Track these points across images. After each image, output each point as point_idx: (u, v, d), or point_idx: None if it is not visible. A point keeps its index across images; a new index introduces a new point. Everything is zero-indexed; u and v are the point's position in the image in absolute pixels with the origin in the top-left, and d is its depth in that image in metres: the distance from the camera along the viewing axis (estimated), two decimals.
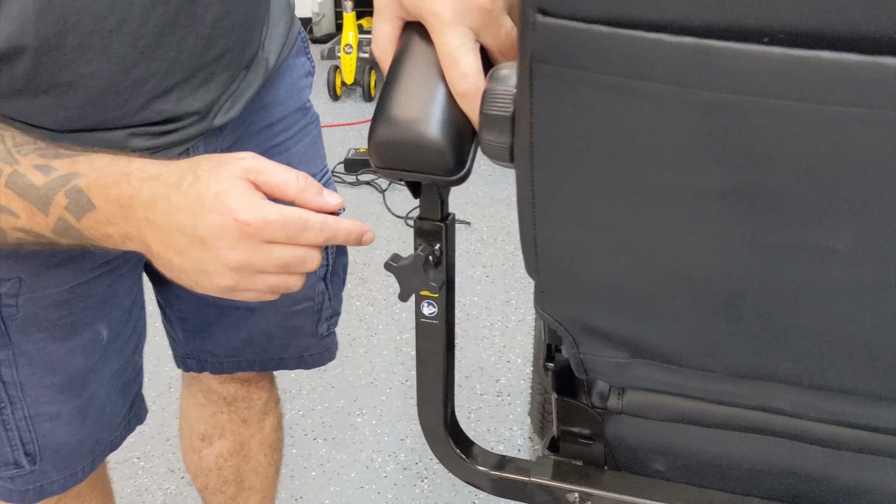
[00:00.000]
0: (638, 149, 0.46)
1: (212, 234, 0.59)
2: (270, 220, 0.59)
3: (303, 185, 0.62)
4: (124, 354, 0.97)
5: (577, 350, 0.62)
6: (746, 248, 0.48)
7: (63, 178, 0.62)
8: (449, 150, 0.57)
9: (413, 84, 0.58)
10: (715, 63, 0.41)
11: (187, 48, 0.76)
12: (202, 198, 0.59)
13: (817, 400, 0.58)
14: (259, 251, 0.59)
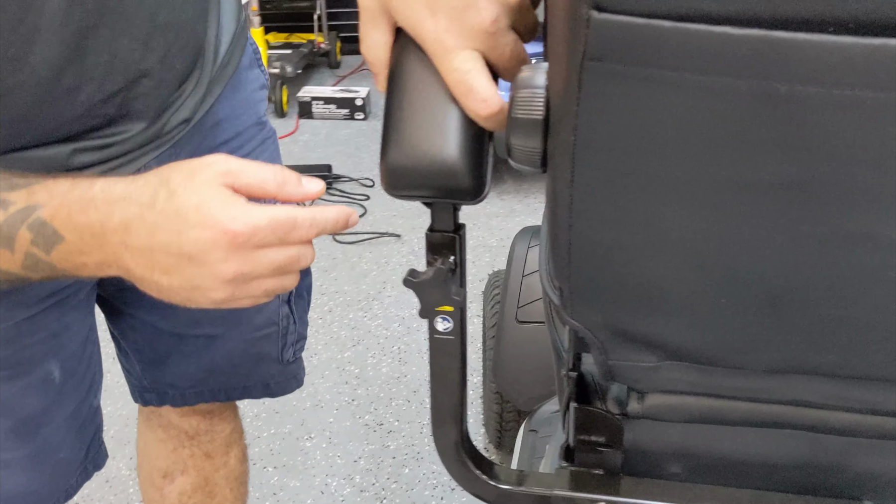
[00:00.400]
0: (693, 144, 0.45)
1: (200, 250, 0.56)
2: (260, 225, 0.56)
3: (281, 179, 0.60)
4: (79, 394, 0.90)
5: (606, 356, 0.60)
6: (796, 240, 0.48)
7: (23, 212, 0.58)
8: (469, 172, 0.55)
9: (422, 103, 0.55)
10: (782, 54, 0.40)
11: (123, 49, 0.71)
12: (182, 212, 0.56)
13: (850, 390, 0.58)
14: (252, 259, 0.57)
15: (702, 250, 0.50)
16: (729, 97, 0.42)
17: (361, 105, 3.43)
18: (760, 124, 0.43)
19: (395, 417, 1.90)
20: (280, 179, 0.59)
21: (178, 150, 0.84)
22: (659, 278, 0.53)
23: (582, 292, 0.56)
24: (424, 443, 1.83)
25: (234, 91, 0.91)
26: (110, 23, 0.69)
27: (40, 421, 0.85)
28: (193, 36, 0.80)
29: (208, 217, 0.55)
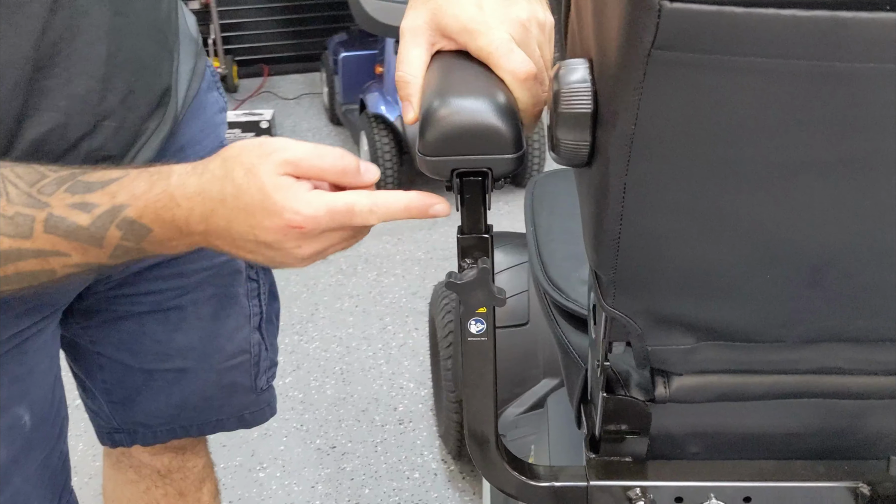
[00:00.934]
0: (756, 127, 0.47)
1: (275, 239, 0.59)
2: (318, 216, 0.58)
3: (341, 167, 0.60)
4: (50, 441, 0.85)
5: (644, 342, 0.62)
6: (844, 213, 0.50)
7: (110, 213, 0.61)
8: (509, 129, 0.56)
9: (460, 83, 0.58)
10: (844, 34, 0.43)
11: (81, 92, 0.68)
12: (250, 209, 0.58)
13: (875, 353, 0.62)
14: (322, 239, 0.61)
15: (755, 229, 0.52)
16: (792, 79, 0.44)
17: (267, 128, 3.37)
18: (819, 104, 0.45)
19: (346, 439, 1.87)
20: (340, 168, 0.60)
21: None
22: (709, 261, 0.55)
23: (627, 281, 0.58)
24: (381, 461, 1.81)
25: (195, 116, 0.88)
26: (63, 62, 0.66)
27: (10, 471, 0.80)
28: (157, 75, 0.77)
29: (273, 213, 0.58)
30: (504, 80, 0.58)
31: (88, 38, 0.67)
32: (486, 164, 0.56)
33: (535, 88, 0.58)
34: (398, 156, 2.75)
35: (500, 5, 0.59)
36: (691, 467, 0.71)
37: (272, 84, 3.96)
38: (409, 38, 0.61)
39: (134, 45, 0.73)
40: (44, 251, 0.60)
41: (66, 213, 0.60)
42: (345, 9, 3.52)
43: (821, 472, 0.70)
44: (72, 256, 0.61)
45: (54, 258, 0.61)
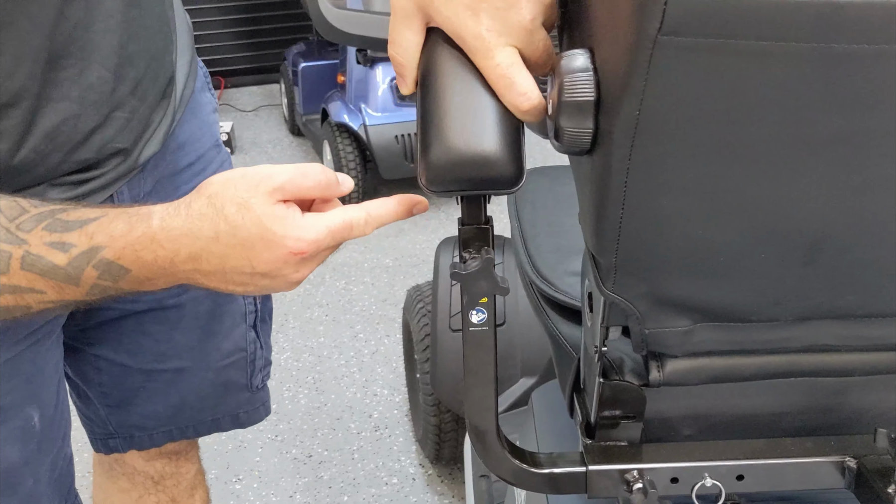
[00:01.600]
0: (758, 108, 0.49)
1: (273, 268, 0.60)
2: (320, 239, 0.60)
3: (324, 182, 0.62)
4: (56, 442, 0.85)
5: (643, 326, 0.64)
6: (840, 189, 0.53)
7: (87, 254, 0.60)
8: (510, 162, 0.57)
9: (461, 101, 0.57)
10: (844, 16, 0.45)
11: (94, 82, 0.69)
12: (248, 243, 0.58)
13: (863, 328, 0.64)
14: (318, 259, 0.62)
15: (754, 208, 0.54)
16: (793, 61, 0.47)
17: (227, 140, 3.35)
18: (818, 85, 0.47)
19: (323, 447, 1.87)
20: (323, 183, 0.61)
21: (145, 175, 0.82)
22: (709, 241, 0.56)
23: (628, 264, 0.59)
24: (358, 468, 1.81)
25: (192, 115, 0.89)
26: (77, 52, 0.67)
27: (22, 473, 0.79)
28: (163, 66, 0.79)
29: (273, 244, 0.58)
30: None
31: (102, 28, 0.68)
32: (486, 193, 0.60)
33: (540, 114, 0.57)
34: (362, 164, 2.75)
35: (499, 11, 0.54)
36: (685, 448, 0.73)
37: (229, 97, 3.94)
38: (399, 17, 0.57)
39: (144, 36, 0.74)
40: (19, 287, 0.59)
41: (44, 251, 0.59)
42: (301, 20, 3.53)
43: (809, 448, 0.73)
44: (47, 294, 0.60)
45: (30, 295, 0.60)
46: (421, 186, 0.59)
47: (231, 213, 0.58)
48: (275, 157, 3.36)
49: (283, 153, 3.40)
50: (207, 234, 0.58)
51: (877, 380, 0.72)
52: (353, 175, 2.73)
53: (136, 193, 0.82)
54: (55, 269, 0.59)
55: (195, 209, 0.59)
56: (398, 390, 2.01)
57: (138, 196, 0.82)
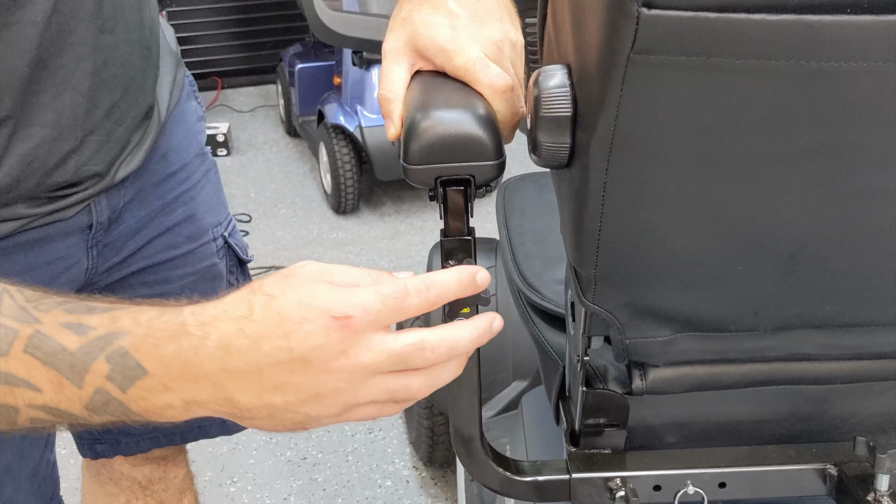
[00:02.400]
0: (733, 123, 0.50)
1: (313, 348, 0.48)
2: (369, 303, 0.49)
3: (375, 276, 0.52)
4: (38, 448, 0.86)
5: (624, 336, 0.64)
6: (818, 201, 0.53)
7: (103, 339, 0.50)
8: (490, 136, 0.58)
9: (440, 97, 0.60)
10: (816, 35, 0.45)
11: (68, 107, 0.70)
12: (285, 313, 0.49)
13: (842, 338, 0.65)
14: (371, 346, 0.49)
15: (732, 220, 0.55)
16: (766, 78, 0.47)
17: (223, 141, 3.35)
18: (793, 100, 0.48)
19: (317, 449, 1.87)
20: (374, 277, 0.52)
21: (126, 185, 0.83)
22: (687, 252, 0.57)
23: (607, 276, 0.60)
24: (352, 470, 1.81)
25: (177, 123, 0.90)
26: (51, 78, 0.68)
27: (2, 480, 0.80)
28: (142, 90, 0.79)
29: (313, 308, 0.48)
30: (483, 94, 0.60)
31: (76, 54, 0.69)
32: (468, 172, 0.58)
33: (512, 100, 0.61)
34: (358, 166, 2.76)
35: (473, 27, 0.61)
36: (668, 456, 0.74)
37: (226, 97, 3.94)
38: (390, 58, 0.63)
39: (120, 60, 0.75)
40: (13, 377, 0.50)
41: (55, 332, 0.50)
42: (297, 20, 3.53)
43: (791, 456, 0.73)
44: (42, 393, 0.50)
45: (22, 391, 0.50)
46: (403, 171, 0.59)
47: (268, 286, 0.50)
48: (271, 158, 3.37)
49: (279, 154, 3.41)
50: (241, 313, 0.49)
51: (858, 387, 0.73)
52: (349, 177, 2.73)
53: (116, 203, 0.82)
54: (61, 354, 0.50)
55: (231, 295, 0.51)
56: None
57: (117, 206, 0.82)
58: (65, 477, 0.95)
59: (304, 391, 0.49)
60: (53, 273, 0.78)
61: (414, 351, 0.50)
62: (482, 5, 0.64)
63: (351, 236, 2.75)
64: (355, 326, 0.48)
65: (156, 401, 0.51)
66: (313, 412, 0.51)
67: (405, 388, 0.52)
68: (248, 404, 0.50)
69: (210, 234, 0.95)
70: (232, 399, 0.50)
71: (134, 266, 0.88)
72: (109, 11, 0.72)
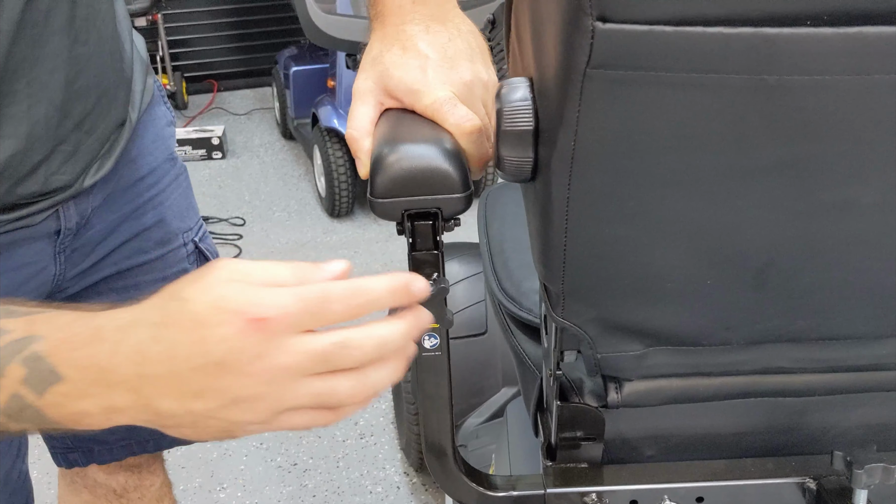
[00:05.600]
0: (692, 138, 0.49)
1: (229, 351, 0.46)
2: (287, 305, 0.46)
3: (300, 273, 0.49)
4: (9, 458, 0.85)
5: (595, 350, 0.63)
6: (784, 216, 0.52)
7: (18, 344, 0.49)
8: (456, 169, 0.57)
9: (407, 132, 0.60)
10: (770, 49, 0.44)
11: (41, 118, 0.69)
12: (199, 317, 0.47)
13: (816, 351, 0.64)
14: (289, 347, 0.47)
15: (697, 235, 0.54)
16: (725, 92, 0.46)
17: (218, 144, 3.35)
18: (754, 114, 0.47)
19: (307, 455, 1.87)
20: (299, 276, 0.49)
21: (94, 190, 0.82)
22: (654, 267, 0.56)
23: (575, 291, 0.59)
24: (343, 476, 1.80)
25: (145, 128, 0.89)
26: (25, 88, 0.67)
27: None
28: (114, 101, 0.79)
29: (227, 311, 0.46)
30: (451, 134, 0.60)
31: (49, 66, 0.69)
32: (435, 205, 0.58)
33: (480, 140, 0.60)
34: (352, 169, 2.75)
35: (443, 68, 0.61)
36: (645, 470, 0.73)
37: (222, 100, 3.93)
38: (358, 97, 0.63)
39: (93, 72, 0.74)
40: None
41: None
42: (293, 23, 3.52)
43: (770, 469, 0.72)
44: None
45: None
46: (370, 204, 0.58)
47: (182, 289, 0.48)
48: (266, 161, 3.36)
49: (274, 157, 3.40)
50: (155, 320, 0.48)
51: (836, 399, 0.72)
52: (343, 180, 2.72)
53: (84, 209, 0.81)
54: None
55: (148, 301, 0.50)
56: (384, 397, 2.01)
57: (86, 211, 0.81)
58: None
59: (223, 396, 0.47)
60: (20, 279, 0.78)
61: (336, 349, 0.47)
62: (453, 46, 0.63)
63: (345, 239, 2.74)
64: (272, 328, 0.46)
65: (72, 407, 0.49)
66: (237, 418, 0.48)
67: (332, 392, 0.48)
68: (169, 411, 0.48)
69: (180, 238, 0.94)
70: (152, 406, 0.48)
71: (103, 272, 0.87)
72: (82, 24, 0.72)
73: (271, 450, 1.88)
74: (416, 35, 0.63)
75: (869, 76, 0.45)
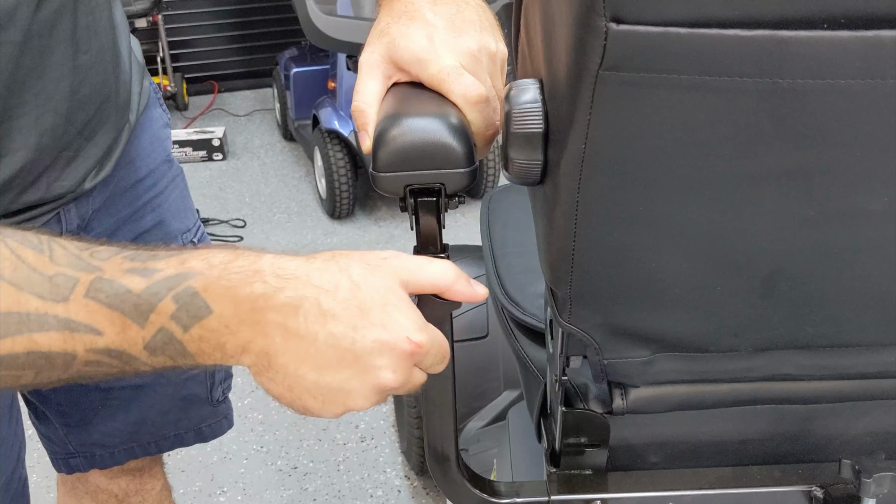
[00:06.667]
0: (703, 142, 0.48)
1: (372, 351, 0.51)
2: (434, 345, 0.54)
3: (453, 275, 0.56)
4: (9, 464, 0.84)
5: (602, 356, 0.63)
6: (792, 223, 0.52)
7: (172, 280, 0.50)
8: (460, 143, 0.56)
9: (412, 106, 0.59)
10: (785, 51, 0.44)
11: (48, 128, 0.69)
12: (366, 309, 0.51)
13: (823, 358, 0.63)
14: (412, 376, 0.54)
15: (706, 241, 0.53)
16: (737, 96, 0.46)
17: (219, 145, 3.34)
18: (765, 119, 0.46)
19: (308, 459, 1.86)
20: (452, 276, 0.56)
21: (94, 193, 0.82)
22: (662, 273, 0.55)
23: (582, 296, 0.58)
24: (343, 480, 1.79)
25: (143, 130, 0.89)
26: (33, 99, 0.67)
27: None
28: (116, 106, 0.79)
29: (393, 321, 0.51)
30: (456, 104, 0.59)
31: (55, 75, 0.69)
32: (438, 180, 0.56)
33: (486, 111, 0.59)
34: (353, 171, 2.74)
35: (449, 37, 0.60)
36: (651, 477, 0.72)
37: (222, 101, 3.93)
38: (365, 70, 0.62)
39: (94, 80, 0.74)
40: (74, 323, 0.49)
41: (120, 276, 0.50)
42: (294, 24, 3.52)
43: (776, 477, 0.72)
44: (104, 335, 0.50)
45: (82, 335, 0.50)
46: (371, 178, 0.58)
47: (355, 272, 0.52)
48: (266, 163, 3.35)
49: (275, 158, 3.39)
50: (325, 284, 0.51)
51: (843, 406, 0.71)
52: (343, 182, 2.72)
53: (85, 212, 0.81)
54: (126, 296, 0.50)
55: (315, 259, 0.53)
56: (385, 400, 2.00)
57: (86, 214, 0.81)
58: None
59: (339, 383, 0.51)
60: None
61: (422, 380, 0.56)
62: (461, 17, 0.62)
63: (346, 241, 2.73)
64: (415, 356, 0.52)
65: (211, 341, 0.51)
66: (328, 402, 0.52)
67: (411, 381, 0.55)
68: (283, 367, 0.51)
69: (179, 240, 0.94)
70: (271, 355, 0.51)
71: None
72: (84, 32, 0.71)
73: (272, 453, 1.87)
74: (424, 7, 0.62)
75: (883, 80, 0.44)
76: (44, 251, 0.51)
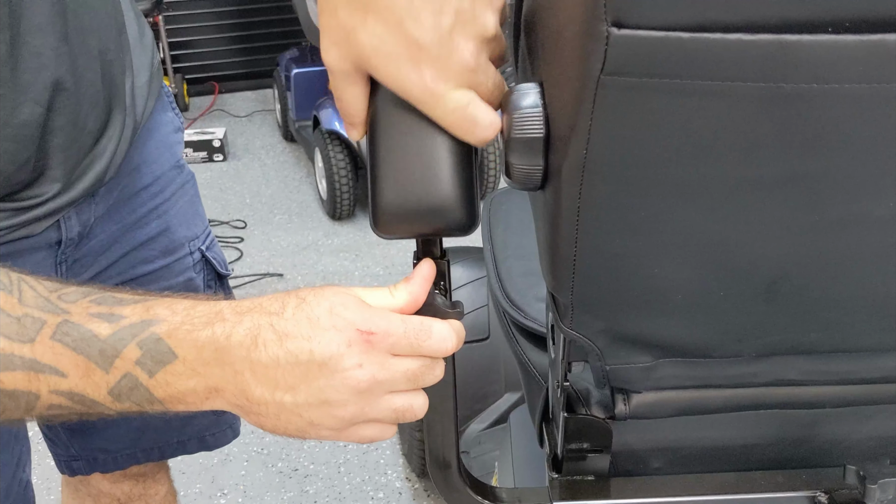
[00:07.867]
0: (705, 148, 0.47)
1: (333, 355, 0.51)
2: (393, 327, 0.53)
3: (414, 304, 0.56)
4: (10, 469, 0.84)
5: (604, 362, 0.62)
6: (795, 229, 0.51)
7: (136, 327, 0.52)
8: (464, 206, 0.54)
9: (410, 147, 0.54)
10: (789, 56, 0.43)
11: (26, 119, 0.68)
12: (314, 317, 0.52)
13: (826, 363, 0.63)
14: (387, 365, 0.53)
15: (708, 247, 0.53)
16: (739, 101, 0.45)
17: (219, 146, 3.34)
18: (768, 124, 0.46)
19: (309, 461, 1.85)
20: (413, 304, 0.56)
21: (97, 199, 0.81)
22: (664, 279, 0.55)
23: (584, 302, 0.58)
24: (344, 482, 1.79)
25: (149, 135, 0.87)
26: (8, 92, 0.65)
27: None
28: (105, 94, 0.76)
29: (342, 318, 0.51)
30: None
31: (33, 66, 0.66)
32: (440, 235, 0.57)
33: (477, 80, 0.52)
34: (353, 171, 2.74)
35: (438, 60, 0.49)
36: (653, 483, 0.71)
37: (223, 102, 3.93)
38: (339, 77, 0.53)
39: (83, 68, 0.72)
40: (38, 364, 0.50)
41: (85, 320, 0.51)
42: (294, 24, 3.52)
43: (780, 482, 0.71)
44: (67, 378, 0.51)
45: (46, 377, 0.51)
46: (372, 228, 0.57)
47: (303, 292, 0.53)
48: (267, 163, 3.35)
49: (275, 159, 3.39)
50: (273, 310, 0.52)
51: (847, 411, 0.71)
52: (344, 182, 2.71)
53: (86, 218, 0.80)
54: (91, 341, 0.51)
55: (270, 295, 0.54)
56: None
57: (88, 221, 0.80)
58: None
59: (314, 396, 0.52)
60: None
61: (425, 370, 0.55)
62: None
63: (346, 242, 2.73)
64: (376, 344, 0.52)
65: (180, 386, 0.52)
66: (317, 419, 0.52)
67: (410, 408, 0.55)
68: (260, 398, 0.52)
69: (186, 248, 0.93)
70: (247, 391, 0.52)
71: (107, 283, 0.85)
72: (74, 22, 0.69)
73: (272, 455, 1.87)
74: None
75: (888, 85, 0.44)
76: (13, 292, 0.52)
